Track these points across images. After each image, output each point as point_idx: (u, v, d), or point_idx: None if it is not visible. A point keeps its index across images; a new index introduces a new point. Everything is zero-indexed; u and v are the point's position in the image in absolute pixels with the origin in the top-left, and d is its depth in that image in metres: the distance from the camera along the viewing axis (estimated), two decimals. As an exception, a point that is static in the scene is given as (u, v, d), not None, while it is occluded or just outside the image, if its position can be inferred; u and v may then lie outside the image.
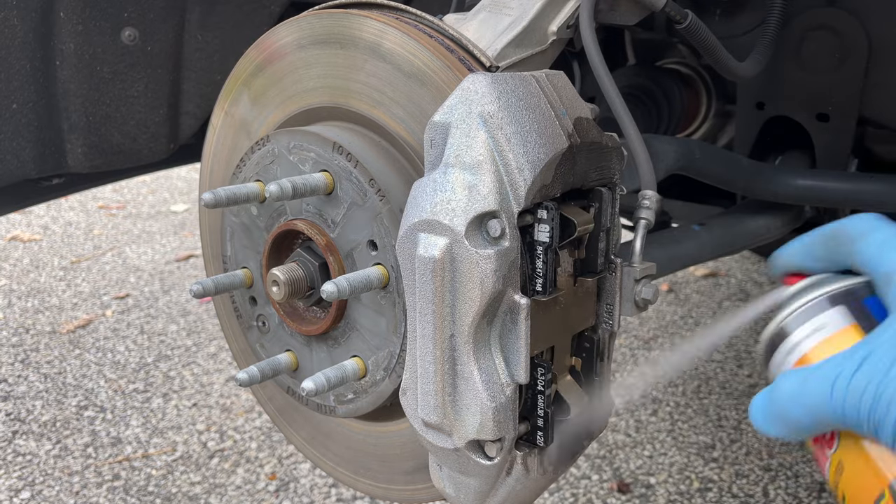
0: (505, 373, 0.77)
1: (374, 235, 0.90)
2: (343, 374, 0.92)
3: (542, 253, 0.76)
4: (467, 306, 0.75)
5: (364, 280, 0.87)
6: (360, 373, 0.94)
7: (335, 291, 0.84)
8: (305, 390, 0.87)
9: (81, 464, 2.03)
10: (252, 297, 1.07)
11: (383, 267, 0.89)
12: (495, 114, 0.75)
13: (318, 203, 0.95)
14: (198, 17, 1.48)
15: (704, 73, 1.64)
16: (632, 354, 2.59)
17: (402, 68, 0.90)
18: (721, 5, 1.31)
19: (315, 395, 0.88)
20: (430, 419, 0.79)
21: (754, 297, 2.82)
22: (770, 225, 1.40)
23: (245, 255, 1.06)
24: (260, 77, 1.05)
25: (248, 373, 0.96)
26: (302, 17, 1.00)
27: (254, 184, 0.97)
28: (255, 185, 0.96)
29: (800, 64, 1.31)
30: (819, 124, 1.34)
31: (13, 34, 1.34)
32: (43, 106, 1.41)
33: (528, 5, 0.99)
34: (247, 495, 1.91)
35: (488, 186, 0.74)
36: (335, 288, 0.84)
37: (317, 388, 0.87)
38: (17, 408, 2.31)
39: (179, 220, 4.19)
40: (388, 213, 0.89)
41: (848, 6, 1.25)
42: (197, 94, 1.54)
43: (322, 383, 0.88)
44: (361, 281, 0.87)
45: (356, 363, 0.94)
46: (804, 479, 1.93)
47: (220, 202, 0.92)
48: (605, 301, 0.86)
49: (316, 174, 0.92)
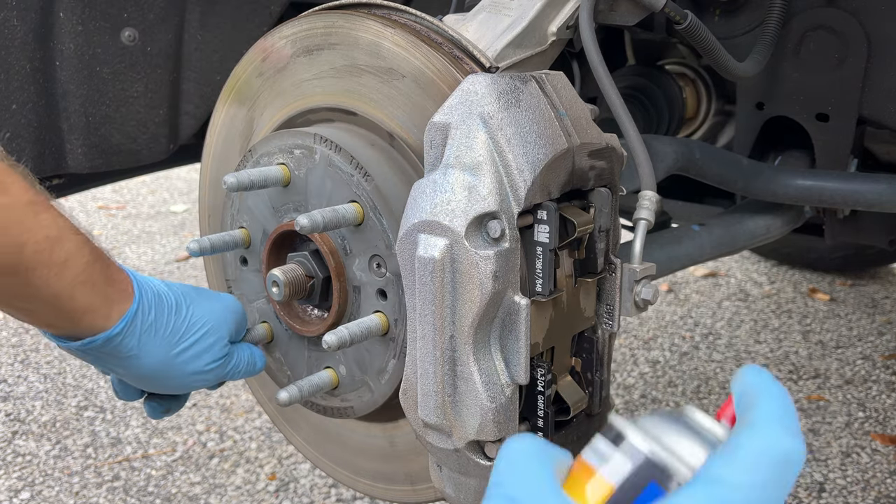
0: (505, 373, 0.77)
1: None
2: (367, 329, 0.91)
3: (541, 253, 0.76)
4: (467, 307, 0.75)
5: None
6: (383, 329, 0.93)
7: (307, 224, 0.85)
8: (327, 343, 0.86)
9: (81, 464, 2.03)
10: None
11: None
12: (495, 114, 0.75)
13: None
14: (198, 17, 1.48)
15: (704, 73, 1.64)
16: (632, 354, 2.59)
17: (402, 69, 0.90)
18: (720, 5, 1.31)
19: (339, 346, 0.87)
20: (430, 420, 0.79)
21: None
22: (770, 225, 1.40)
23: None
24: (260, 77, 1.05)
25: (289, 392, 0.96)
26: (302, 17, 1.00)
27: (276, 167, 0.97)
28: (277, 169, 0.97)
29: (799, 64, 1.31)
30: (819, 124, 1.33)
31: (13, 34, 1.34)
32: (42, 106, 1.40)
33: (528, 6, 0.99)
34: (247, 495, 1.91)
35: (488, 187, 0.74)
36: (336, 338, 0.86)
37: (338, 342, 0.87)
38: (17, 408, 2.31)
39: (179, 221, 4.19)
40: (374, 191, 0.90)
41: (847, 6, 1.25)
42: (197, 95, 1.54)
43: (344, 336, 0.88)
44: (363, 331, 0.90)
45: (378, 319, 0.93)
46: (804, 479, 1.94)
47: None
48: (605, 301, 0.86)
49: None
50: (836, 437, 2.11)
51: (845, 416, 2.21)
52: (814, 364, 2.50)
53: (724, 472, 0.47)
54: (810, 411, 2.23)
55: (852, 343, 2.63)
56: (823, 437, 2.11)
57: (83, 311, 0.82)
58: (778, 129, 1.39)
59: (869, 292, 3.01)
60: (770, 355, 2.56)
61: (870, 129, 1.44)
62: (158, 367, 0.88)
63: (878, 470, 1.97)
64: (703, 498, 0.46)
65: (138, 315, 0.86)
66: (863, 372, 2.44)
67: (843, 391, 2.34)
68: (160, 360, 0.88)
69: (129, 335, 0.85)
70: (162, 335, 0.88)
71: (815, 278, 3.13)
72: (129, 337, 0.85)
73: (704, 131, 1.68)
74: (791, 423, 0.50)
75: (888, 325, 2.75)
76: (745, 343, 2.66)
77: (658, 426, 0.51)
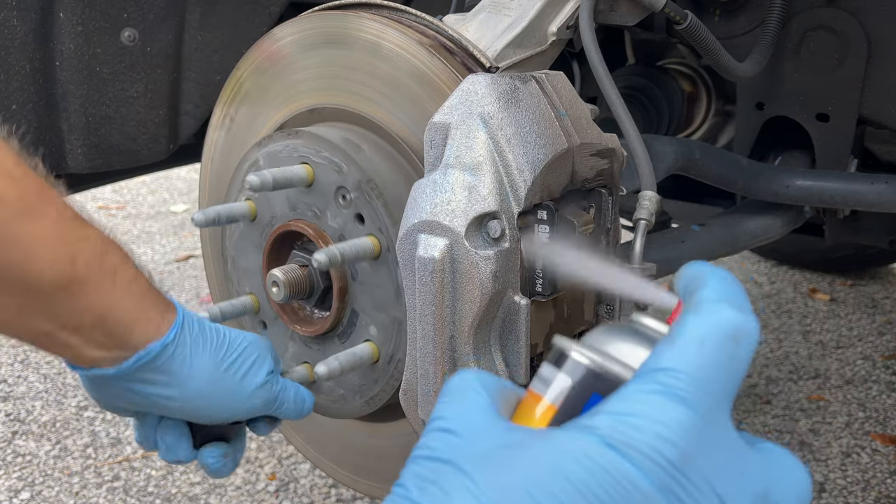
0: (505, 373, 0.77)
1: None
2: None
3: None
4: (467, 307, 0.75)
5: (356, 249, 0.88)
6: None
7: (325, 260, 0.84)
8: None
9: (81, 464, 2.03)
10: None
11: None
12: (495, 114, 0.75)
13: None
14: (198, 17, 1.48)
15: (704, 74, 1.64)
16: (632, 354, 2.59)
17: (402, 69, 0.90)
18: (720, 5, 1.31)
19: None
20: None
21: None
22: (770, 225, 1.40)
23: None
24: (260, 77, 1.05)
25: (328, 365, 0.90)
26: (302, 17, 1.00)
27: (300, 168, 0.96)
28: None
29: (799, 64, 1.30)
30: (819, 124, 1.33)
31: (13, 35, 1.34)
32: (42, 106, 1.40)
33: (528, 6, 0.99)
34: (247, 495, 1.91)
35: (488, 187, 0.74)
36: (325, 257, 0.84)
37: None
38: (16, 408, 2.31)
39: (179, 221, 4.19)
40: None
41: (847, 6, 1.25)
42: (197, 95, 1.54)
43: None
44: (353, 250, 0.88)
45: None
46: (804, 479, 1.94)
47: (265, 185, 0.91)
48: (605, 301, 0.86)
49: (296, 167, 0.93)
50: (836, 437, 2.11)
51: (845, 416, 2.21)
52: (814, 364, 2.50)
53: (666, 360, 0.43)
54: (810, 411, 2.23)
55: (852, 343, 2.63)
56: (823, 437, 2.11)
57: (134, 322, 0.78)
58: (778, 129, 1.39)
59: (869, 292, 3.01)
60: (770, 355, 2.56)
61: (870, 129, 1.44)
62: (209, 384, 0.82)
63: (878, 470, 1.97)
64: (646, 391, 0.42)
65: (185, 325, 0.82)
66: (863, 372, 2.44)
67: (843, 391, 2.34)
68: (210, 375, 0.82)
69: (180, 345, 0.80)
70: (209, 348, 0.83)
71: (815, 278, 3.13)
72: (180, 347, 0.80)
73: (704, 131, 1.68)
74: (737, 300, 0.46)
75: (888, 325, 2.75)
76: (745, 343, 2.65)
77: (602, 338, 0.49)
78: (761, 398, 2.31)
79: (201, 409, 0.84)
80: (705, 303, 0.46)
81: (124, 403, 0.83)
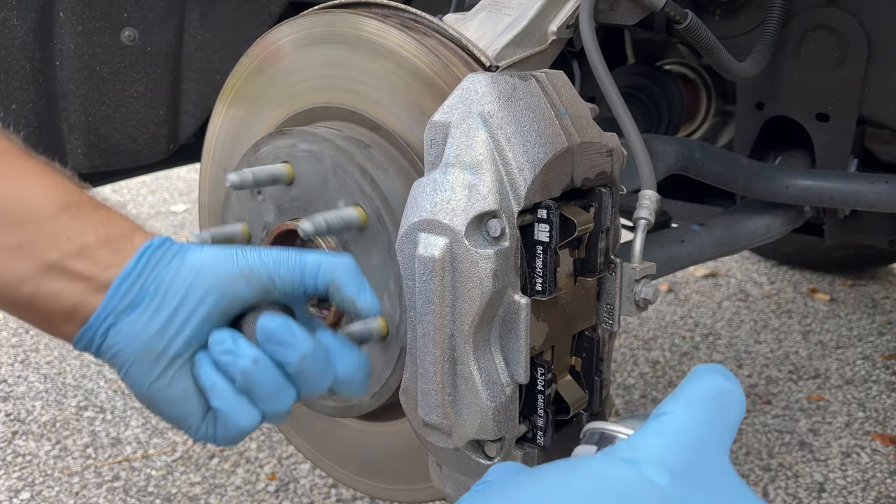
0: (505, 373, 0.77)
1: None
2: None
3: (541, 253, 0.76)
4: (467, 306, 0.75)
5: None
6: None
7: (311, 228, 0.83)
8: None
9: (81, 464, 2.03)
10: None
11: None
12: (495, 113, 0.75)
13: None
14: (198, 17, 1.48)
15: (704, 73, 1.64)
16: (632, 354, 2.59)
17: (402, 68, 0.90)
18: (720, 5, 1.31)
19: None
20: (430, 419, 0.79)
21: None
22: (770, 225, 1.40)
23: None
24: (260, 77, 1.05)
25: (312, 221, 0.85)
26: (302, 16, 1.00)
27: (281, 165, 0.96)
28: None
29: (799, 64, 1.31)
30: (819, 124, 1.34)
31: (13, 34, 1.34)
32: (42, 106, 1.40)
33: (528, 5, 1.00)
34: (247, 496, 1.91)
35: (488, 186, 0.74)
36: (311, 224, 0.83)
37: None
38: (16, 408, 2.31)
39: (179, 221, 4.19)
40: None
41: (847, 6, 1.25)
42: (197, 94, 1.54)
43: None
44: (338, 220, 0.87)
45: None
46: (804, 480, 1.93)
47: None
48: (605, 301, 0.86)
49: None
50: (836, 437, 2.10)
51: (845, 416, 2.21)
52: (814, 364, 2.50)
53: (665, 409, 0.54)
54: (810, 411, 2.23)
55: (852, 343, 2.63)
56: (823, 437, 2.11)
57: (133, 230, 0.79)
58: (778, 129, 1.39)
59: (869, 292, 3.01)
60: (770, 355, 2.56)
61: (870, 129, 1.44)
62: (218, 264, 0.76)
63: (878, 470, 1.97)
64: (648, 434, 0.53)
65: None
66: (863, 372, 2.44)
67: (843, 391, 2.34)
68: (218, 251, 0.78)
69: (174, 243, 0.79)
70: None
71: (815, 278, 3.13)
72: (176, 244, 0.79)
73: (704, 131, 1.69)
74: (724, 372, 0.57)
75: (888, 325, 2.75)
76: (745, 343, 2.65)
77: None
78: (761, 398, 2.31)
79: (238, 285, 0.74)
80: (696, 374, 0.59)
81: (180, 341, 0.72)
